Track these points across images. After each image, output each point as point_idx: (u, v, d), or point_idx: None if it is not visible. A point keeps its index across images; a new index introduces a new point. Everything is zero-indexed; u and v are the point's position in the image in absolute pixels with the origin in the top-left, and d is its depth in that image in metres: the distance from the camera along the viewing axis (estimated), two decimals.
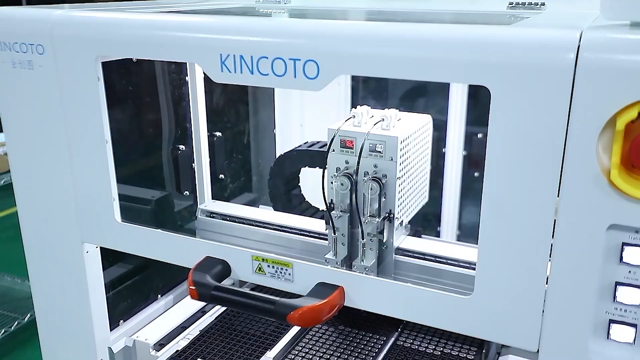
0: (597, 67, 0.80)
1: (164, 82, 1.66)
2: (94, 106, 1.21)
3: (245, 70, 1.04)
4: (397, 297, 1.06)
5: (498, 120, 0.88)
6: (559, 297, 0.91)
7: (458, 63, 0.88)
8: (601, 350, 0.91)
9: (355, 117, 1.43)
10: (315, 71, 0.99)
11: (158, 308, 1.73)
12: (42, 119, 1.28)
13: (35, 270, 1.46)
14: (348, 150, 1.42)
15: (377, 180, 1.39)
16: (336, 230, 1.44)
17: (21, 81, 1.26)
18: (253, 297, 1.12)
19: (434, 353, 1.47)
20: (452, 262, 1.45)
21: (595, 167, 0.83)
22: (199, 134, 1.78)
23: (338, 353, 1.47)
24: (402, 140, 1.38)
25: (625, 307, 0.89)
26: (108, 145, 1.24)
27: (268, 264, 1.16)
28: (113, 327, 1.57)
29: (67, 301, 1.43)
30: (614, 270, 0.88)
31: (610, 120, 0.81)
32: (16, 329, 3.13)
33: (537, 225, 0.90)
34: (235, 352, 1.51)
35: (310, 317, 1.06)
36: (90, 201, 1.30)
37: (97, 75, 1.19)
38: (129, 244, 1.31)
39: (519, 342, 0.97)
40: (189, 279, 1.16)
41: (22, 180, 1.38)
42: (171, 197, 1.76)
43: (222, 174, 1.93)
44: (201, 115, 1.77)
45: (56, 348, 1.50)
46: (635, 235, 0.85)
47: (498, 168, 0.90)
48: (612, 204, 0.83)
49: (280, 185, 1.80)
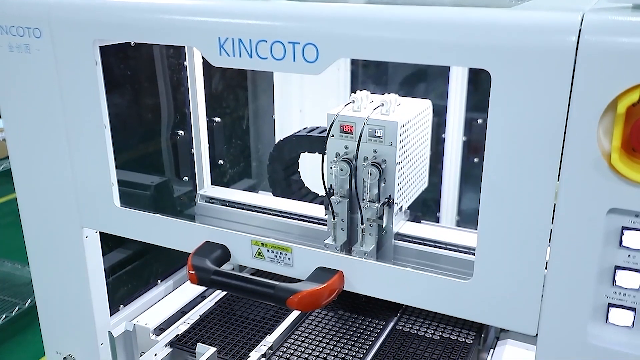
0: (599, 49, 0.79)
1: (163, 67, 1.65)
2: (92, 91, 1.20)
3: (244, 54, 1.04)
4: (396, 282, 1.06)
5: (498, 103, 0.87)
6: (558, 281, 0.91)
7: (458, 46, 0.88)
8: (600, 334, 0.91)
9: (355, 102, 1.43)
10: (314, 55, 0.98)
11: (158, 293, 1.74)
12: (40, 104, 1.27)
13: (35, 256, 1.46)
14: (347, 136, 1.41)
15: (376, 165, 1.38)
16: (335, 215, 1.44)
17: (18, 65, 1.25)
18: (253, 282, 1.12)
19: (433, 337, 1.48)
20: (452, 247, 1.45)
21: (596, 151, 0.83)
22: (197, 120, 1.77)
23: (337, 337, 1.48)
24: (401, 125, 1.38)
25: (624, 291, 0.89)
26: (107, 130, 1.23)
27: (267, 248, 1.16)
28: (113, 312, 1.57)
29: (67, 286, 1.43)
30: (614, 254, 0.88)
31: (611, 103, 0.80)
32: (17, 314, 3.15)
33: (536, 209, 0.90)
34: (235, 336, 1.51)
35: (309, 302, 1.06)
36: (89, 186, 1.30)
37: (94, 59, 1.18)
38: (128, 229, 1.31)
39: (518, 326, 0.97)
40: (188, 263, 1.16)
41: (20, 166, 1.38)
42: (170, 183, 1.75)
43: (221, 160, 1.92)
44: (200, 100, 1.76)
45: (57, 333, 1.51)
46: (635, 219, 0.85)
47: (498, 152, 0.90)
48: (612, 187, 0.83)
49: (279, 170, 1.80)
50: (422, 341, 1.46)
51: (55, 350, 1.51)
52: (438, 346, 1.44)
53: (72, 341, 1.48)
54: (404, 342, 1.46)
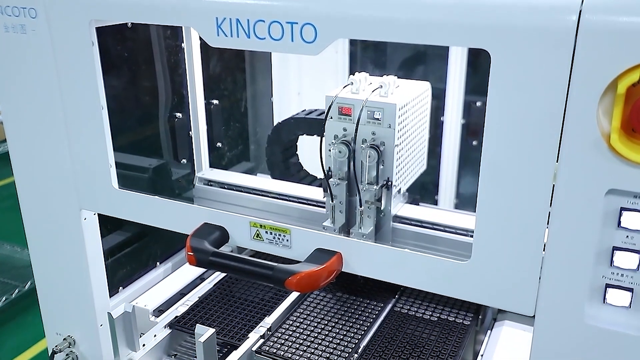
0: (599, 29, 0.79)
1: (160, 48, 1.64)
2: (89, 72, 1.19)
3: (241, 34, 1.03)
4: (395, 263, 1.07)
5: (498, 84, 0.87)
6: (556, 262, 0.91)
7: (458, 26, 0.87)
8: (597, 314, 0.92)
9: (353, 84, 1.42)
10: (312, 35, 0.97)
11: (157, 275, 1.74)
12: (37, 85, 1.26)
13: (34, 238, 1.46)
14: (346, 118, 1.41)
15: (375, 147, 1.38)
16: (334, 198, 1.44)
17: (14, 46, 1.24)
18: (251, 263, 1.12)
19: (430, 319, 1.48)
20: (450, 229, 1.46)
21: (595, 132, 0.82)
22: (195, 102, 1.76)
23: (336, 319, 1.48)
24: (400, 107, 1.37)
25: (622, 271, 0.89)
26: (104, 111, 1.23)
27: (266, 230, 1.16)
28: (112, 294, 1.58)
29: (66, 268, 1.43)
30: (612, 235, 0.88)
31: (611, 83, 0.80)
32: (17, 297, 3.16)
33: (535, 190, 0.90)
34: (234, 318, 1.52)
35: (308, 283, 1.07)
36: (87, 168, 1.29)
37: (91, 40, 1.16)
38: (126, 211, 1.30)
39: (516, 307, 0.98)
40: (186, 245, 1.16)
41: (18, 148, 1.37)
42: (168, 165, 1.75)
43: (219, 142, 1.92)
44: (198, 82, 1.75)
45: (56, 314, 1.52)
46: (634, 200, 0.85)
47: (497, 133, 0.89)
48: (611, 168, 0.83)
49: (278, 153, 1.80)
50: (420, 323, 1.47)
51: (55, 331, 1.52)
52: (436, 327, 1.45)
53: (71, 322, 1.49)
54: (402, 324, 1.47)
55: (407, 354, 1.35)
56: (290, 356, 1.34)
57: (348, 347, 1.37)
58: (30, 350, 2.95)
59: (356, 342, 1.39)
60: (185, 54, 1.71)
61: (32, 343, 2.98)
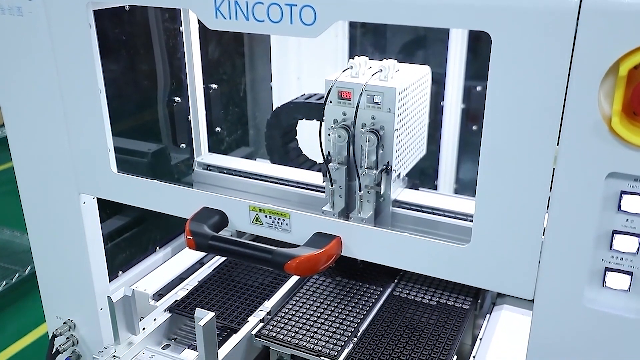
0: (601, 11, 0.78)
1: (158, 32, 1.63)
2: (86, 55, 1.18)
3: (240, 17, 1.02)
4: (394, 247, 1.07)
5: (499, 66, 0.86)
6: (556, 246, 0.91)
7: (459, 7, 0.86)
8: (596, 298, 0.92)
9: (353, 68, 1.41)
10: (312, 17, 0.96)
11: (156, 260, 1.75)
12: (34, 69, 1.25)
13: (33, 223, 1.46)
14: (345, 102, 1.40)
15: (374, 132, 1.37)
16: (333, 182, 1.43)
17: (11, 28, 1.23)
18: (250, 247, 1.12)
19: (429, 303, 1.49)
20: (449, 214, 1.46)
21: (596, 115, 0.82)
22: (194, 86, 1.75)
23: (335, 303, 1.49)
24: (400, 92, 1.36)
25: (622, 254, 0.89)
26: (102, 94, 1.22)
27: (265, 214, 1.16)
28: (112, 279, 1.58)
29: (66, 252, 1.43)
30: (612, 218, 0.88)
31: (613, 66, 0.79)
32: (17, 281, 3.17)
33: (535, 174, 0.89)
34: (233, 302, 1.52)
35: (307, 267, 1.07)
36: (85, 152, 1.29)
37: (88, 23, 1.15)
38: (125, 195, 1.30)
39: (515, 290, 0.98)
40: (186, 229, 1.16)
41: (16, 133, 1.37)
42: (167, 150, 1.74)
43: (218, 127, 1.91)
44: (196, 66, 1.74)
45: (56, 298, 1.52)
46: (634, 184, 0.85)
47: (497, 116, 0.89)
48: (612, 151, 0.83)
49: (277, 137, 1.79)
50: (419, 307, 1.47)
51: (55, 315, 1.52)
52: (435, 312, 1.45)
53: (71, 306, 1.49)
54: (401, 308, 1.47)
55: (406, 338, 1.36)
56: (290, 340, 1.35)
57: (347, 331, 1.38)
58: (31, 335, 2.96)
59: (355, 326, 1.40)
60: (184, 38, 1.70)
61: (32, 327, 2.99)
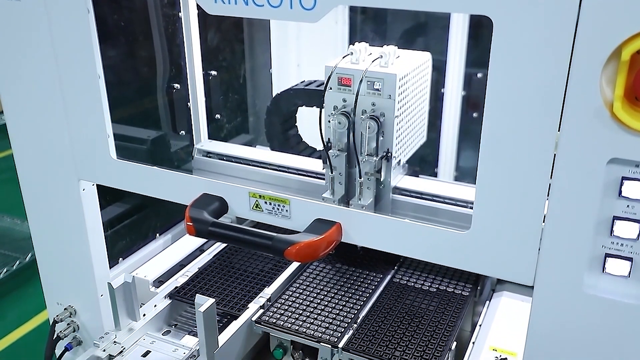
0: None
1: (157, 17, 1.62)
2: (85, 40, 1.17)
3: (239, 1, 1.01)
4: (394, 233, 1.07)
5: (500, 51, 0.86)
6: (556, 232, 0.91)
7: None
8: (596, 284, 0.92)
9: (353, 54, 1.40)
10: (312, 1, 0.95)
11: (157, 246, 1.75)
12: (32, 54, 1.24)
13: (33, 210, 1.46)
14: (345, 88, 1.39)
15: (375, 118, 1.37)
16: (333, 169, 1.43)
17: (8, 13, 1.22)
18: (250, 233, 1.12)
19: (429, 290, 1.49)
20: (450, 201, 1.45)
21: (598, 100, 0.82)
22: (194, 73, 1.74)
23: (335, 290, 1.49)
24: (400, 78, 1.36)
25: (622, 241, 0.89)
26: (101, 80, 1.21)
27: (265, 200, 1.16)
28: (112, 265, 1.59)
29: (66, 239, 1.43)
30: (612, 204, 0.88)
31: (615, 50, 0.79)
32: (18, 268, 3.18)
33: (536, 161, 0.89)
34: (233, 288, 1.53)
35: (307, 253, 1.07)
36: (84, 138, 1.28)
37: (86, 7, 1.15)
38: (125, 181, 1.30)
39: (515, 277, 0.98)
40: (186, 215, 1.16)
41: (15, 119, 1.36)
42: (167, 137, 1.74)
43: (218, 114, 1.90)
44: (196, 53, 1.73)
45: (57, 285, 1.52)
46: (635, 170, 0.85)
47: (498, 101, 0.88)
48: (613, 137, 0.82)
49: (277, 124, 1.79)
50: (418, 293, 1.48)
51: (56, 301, 1.53)
52: (435, 298, 1.45)
53: (72, 293, 1.50)
54: (401, 294, 1.47)
55: (406, 325, 1.36)
56: (290, 326, 1.35)
57: (347, 317, 1.38)
58: (32, 321, 2.97)
59: (355, 312, 1.40)
60: (183, 23, 1.69)
61: (33, 314, 3.00)
